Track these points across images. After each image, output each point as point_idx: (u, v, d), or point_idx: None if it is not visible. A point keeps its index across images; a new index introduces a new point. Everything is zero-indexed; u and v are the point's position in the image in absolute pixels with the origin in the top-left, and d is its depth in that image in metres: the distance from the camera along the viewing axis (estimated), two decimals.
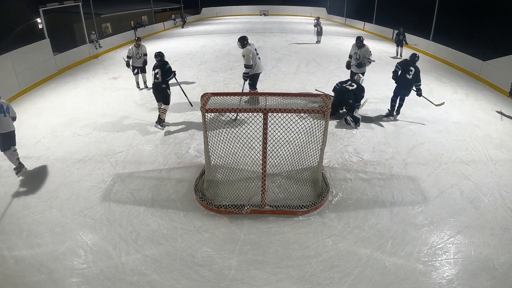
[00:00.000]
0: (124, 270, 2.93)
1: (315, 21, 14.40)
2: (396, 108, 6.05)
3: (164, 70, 5.49)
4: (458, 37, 13.70)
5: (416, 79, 5.70)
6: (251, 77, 6.08)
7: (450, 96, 7.55)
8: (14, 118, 4.37)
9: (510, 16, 13.09)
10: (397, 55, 11.77)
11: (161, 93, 5.55)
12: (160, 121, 5.58)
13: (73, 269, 2.94)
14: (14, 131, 4.33)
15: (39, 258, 3.05)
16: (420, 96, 5.89)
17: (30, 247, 3.18)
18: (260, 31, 17.49)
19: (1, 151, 4.31)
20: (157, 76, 5.44)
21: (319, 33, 14.04)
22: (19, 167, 4.36)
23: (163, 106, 5.63)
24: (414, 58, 5.74)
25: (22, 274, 2.89)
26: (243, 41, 5.88)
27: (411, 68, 5.63)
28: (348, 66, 6.94)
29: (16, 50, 7.96)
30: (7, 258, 3.05)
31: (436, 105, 6.30)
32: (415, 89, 5.78)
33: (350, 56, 6.84)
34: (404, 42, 11.51)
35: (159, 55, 5.66)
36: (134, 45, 7.66)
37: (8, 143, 4.26)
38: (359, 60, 6.62)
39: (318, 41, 14.11)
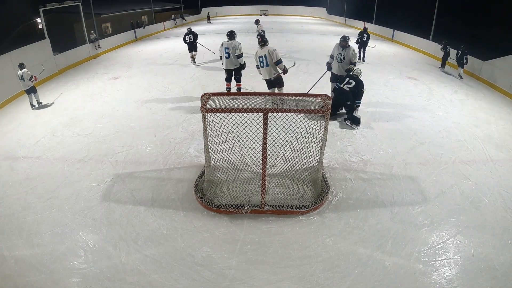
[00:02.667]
0: (124, 270, 2.93)
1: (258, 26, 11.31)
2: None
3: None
4: (458, 37, 13.70)
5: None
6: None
7: (450, 96, 7.55)
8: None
9: (510, 16, 13.09)
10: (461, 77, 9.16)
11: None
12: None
13: (73, 269, 2.94)
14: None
15: (39, 258, 3.04)
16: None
17: (30, 247, 3.18)
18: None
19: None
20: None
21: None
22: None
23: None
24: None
25: (22, 274, 2.89)
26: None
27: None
28: (329, 67, 6.34)
29: (16, 50, 7.96)
30: (7, 258, 3.05)
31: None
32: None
33: (332, 57, 6.22)
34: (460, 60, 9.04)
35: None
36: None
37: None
38: (343, 61, 6.01)
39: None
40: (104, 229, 3.41)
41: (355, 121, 5.70)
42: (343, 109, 6.10)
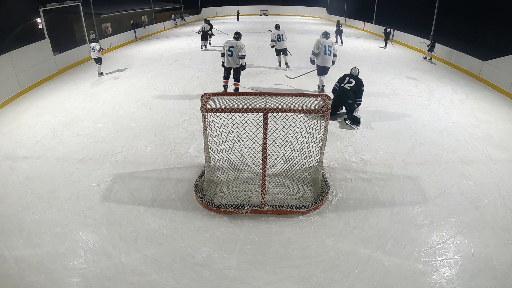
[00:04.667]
0: (124, 270, 2.93)
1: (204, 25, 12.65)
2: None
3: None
4: (458, 37, 13.71)
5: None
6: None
7: (450, 96, 7.55)
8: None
9: (510, 16, 13.08)
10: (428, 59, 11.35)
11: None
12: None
13: (73, 269, 2.94)
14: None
15: (39, 258, 3.05)
16: None
17: (30, 247, 3.18)
18: (260, 31, 17.47)
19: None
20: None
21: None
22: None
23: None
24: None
25: (22, 274, 2.89)
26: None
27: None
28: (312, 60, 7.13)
29: (16, 50, 7.95)
30: (7, 258, 3.05)
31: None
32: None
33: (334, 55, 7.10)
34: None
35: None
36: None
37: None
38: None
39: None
40: (104, 229, 3.41)
41: (355, 121, 5.70)
42: (343, 109, 6.10)
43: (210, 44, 13.19)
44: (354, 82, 5.72)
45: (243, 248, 3.17)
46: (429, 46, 11.07)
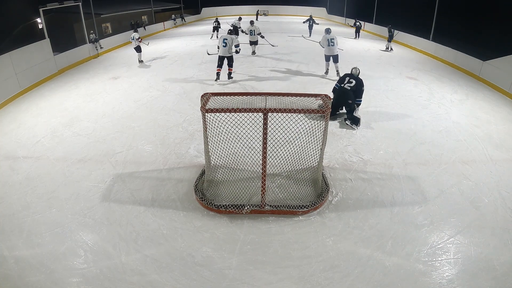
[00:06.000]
0: (124, 270, 2.93)
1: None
2: None
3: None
4: (458, 37, 13.70)
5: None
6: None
7: (450, 96, 7.55)
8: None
9: (510, 16, 13.07)
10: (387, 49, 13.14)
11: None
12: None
13: (73, 269, 2.94)
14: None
15: (39, 258, 3.05)
16: None
17: (30, 247, 3.18)
18: (260, 30, 17.43)
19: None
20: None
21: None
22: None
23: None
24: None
25: (22, 274, 2.89)
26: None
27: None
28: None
29: (16, 50, 7.95)
30: (7, 258, 3.06)
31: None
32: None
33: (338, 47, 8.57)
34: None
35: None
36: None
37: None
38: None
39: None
40: (104, 229, 3.41)
41: (355, 121, 5.70)
42: (343, 109, 6.10)
43: (217, 37, 14.42)
44: (354, 82, 5.72)
45: (243, 248, 3.17)
46: (389, 37, 12.71)
